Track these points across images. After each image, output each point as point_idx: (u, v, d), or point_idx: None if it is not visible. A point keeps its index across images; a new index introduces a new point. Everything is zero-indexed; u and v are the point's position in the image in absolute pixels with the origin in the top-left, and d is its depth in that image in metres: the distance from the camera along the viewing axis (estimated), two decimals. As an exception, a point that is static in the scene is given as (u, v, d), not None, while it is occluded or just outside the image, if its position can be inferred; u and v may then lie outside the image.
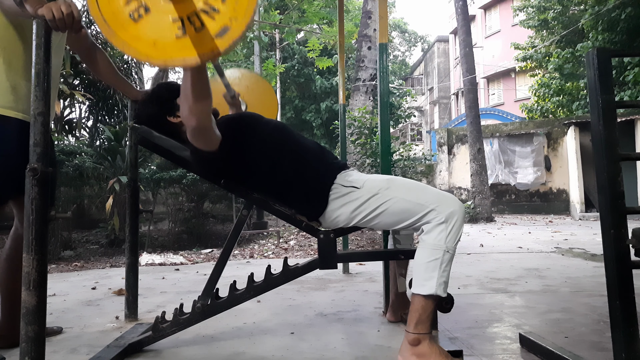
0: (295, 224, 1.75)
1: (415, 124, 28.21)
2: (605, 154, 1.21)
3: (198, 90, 1.39)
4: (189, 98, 1.40)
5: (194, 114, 1.44)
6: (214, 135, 1.56)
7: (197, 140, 1.56)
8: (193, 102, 1.41)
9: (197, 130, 1.51)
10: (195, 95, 1.40)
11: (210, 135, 1.55)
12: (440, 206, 1.50)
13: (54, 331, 1.98)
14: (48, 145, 1.26)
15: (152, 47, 1.08)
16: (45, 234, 1.25)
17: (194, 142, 1.57)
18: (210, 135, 1.55)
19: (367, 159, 5.90)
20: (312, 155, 1.70)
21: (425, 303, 1.47)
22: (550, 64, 12.92)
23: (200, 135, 1.54)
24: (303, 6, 9.56)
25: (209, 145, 1.57)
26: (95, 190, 5.89)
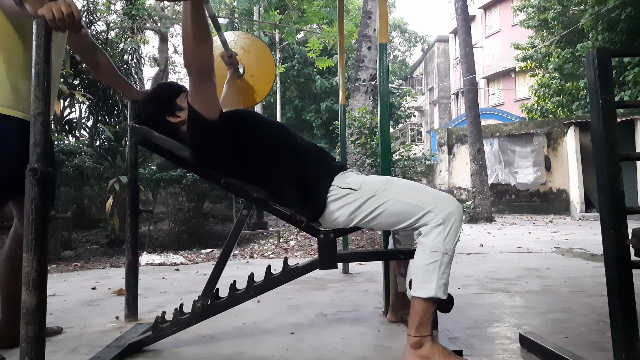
0: (295, 224, 1.75)
1: (415, 124, 28.21)
2: (605, 154, 1.21)
3: (197, 27, 1.48)
4: (190, 37, 1.49)
5: (196, 53, 1.53)
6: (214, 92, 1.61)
7: (199, 96, 1.59)
8: (194, 41, 1.50)
9: (201, 75, 1.57)
10: (195, 32, 1.49)
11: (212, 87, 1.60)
12: (437, 207, 1.50)
13: (54, 331, 1.98)
14: (48, 145, 1.26)
15: None
16: (45, 234, 1.24)
17: (196, 102, 1.59)
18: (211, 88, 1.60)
19: (367, 159, 5.90)
20: (310, 156, 1.70)
21: (426, 306, 1.47)
22: (550, 64, 12.92)
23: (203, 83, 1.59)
24: (303, 6, 9.55)
25: (210, 108, 1.61)
26: (95, 190, 5.89)
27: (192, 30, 1.48)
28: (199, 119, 1.62)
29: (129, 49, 7.27)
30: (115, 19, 9.56)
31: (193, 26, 1.48)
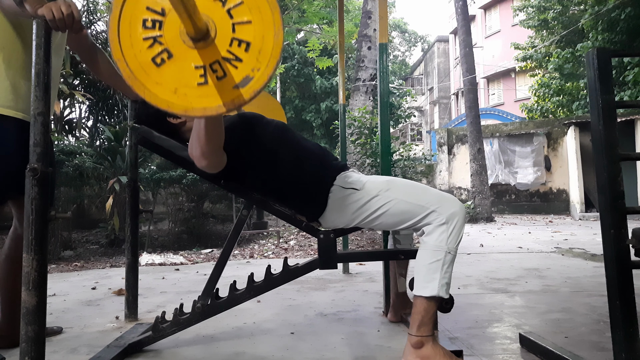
0: (295, 224, 1.75)
1: (415, 124, 28.21)
2: (605, 154, 1.21)
3: (212, 137, 1.41)
4: (203, 142, 1.42)
5: (207, 157, 1.47)
6: (222, 164, 1.57)
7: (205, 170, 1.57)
8: (206, 147, 1.43)
9: (207, 169, 1.53)
10: (209, 141, 1.42)
11: (219, 167, 1.57)
12: (441, 207, 1.50)
13: (54, 331, 1.98)
14: (48, 145, 1.26)
15: (173, 94, 1.07)
16: (45, 234, 1.25)
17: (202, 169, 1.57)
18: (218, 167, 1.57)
19: (367, 159, 5.89)
20: (312, 156, 1.70)
21: (428, 305, 1.47)
22: (550, 64, 12.92)
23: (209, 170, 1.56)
24: (303, 6, 9.55)
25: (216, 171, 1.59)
26: (95, 190, 5.88)
27: (206, 139, 1.40)
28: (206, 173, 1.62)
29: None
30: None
31: (207, 136, 1.39)
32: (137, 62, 1.08)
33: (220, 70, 1.07)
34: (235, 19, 1.08)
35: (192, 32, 1.05)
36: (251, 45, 1.07)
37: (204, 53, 1.07)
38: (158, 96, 1.07)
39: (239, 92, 1.06)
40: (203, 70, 1.07)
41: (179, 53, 1.08)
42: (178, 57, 1.08)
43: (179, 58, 1.08)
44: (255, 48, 1.07)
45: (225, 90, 1.07)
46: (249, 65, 1.07)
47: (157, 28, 1.08)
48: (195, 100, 1.07)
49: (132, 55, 1.08)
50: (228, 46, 1.08)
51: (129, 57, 1.08)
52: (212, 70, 1.07)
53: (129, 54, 1.08)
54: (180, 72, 1.08)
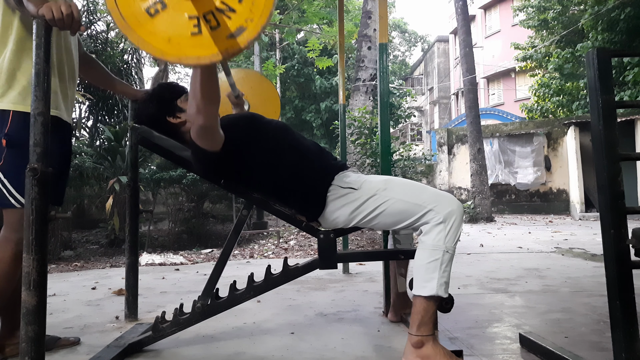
0: (295, 224, 1.75)
1: (415, 124, 28.20)
2: (605, 154, 1.21)
3: (207, 90, 1.40)
4: (198, 97, 1.41)
5: (202, 113, 1.45)
6: (218, 135, 1.56)
7: (202, 139, 1.56)
8: (202, 102, 1.42)
9: (203, 129, 1.52)
10: (204, 95, 1.40)
11: (215, 135, 1.55)
12: (438, 206, 1.50)
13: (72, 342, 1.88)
14: (48, 145, 1.26)
15: (167, 43, 1.08)
16: (45, 234, 1.25)
17: (198, 141, 1.56)
18: (215, 135, 1.55)
19: (367, 159, 5.89)
20: (311, 156, 1.70)
21: (427, 304, 1.47)
22: (550, 64, 12.92)
23: (205, 134, 1.54)
24: (303, 6, 9.55)
25: (213, 145, 1.57)
26: (95, 190, 5.89)
27: (201, 93, 1.40)
28: (203, 154, 1.60)
29: (129, 49, 7.26)
30: (115, 19, 9.55)
31: (203, 90, 1.39)
32: (130, 12, 1.09)
33: (213, 21, 1.08)
34: None
35: None
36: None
37: (197, 3, 1.09)
38: (152, 45, 1.08)
39: (232, 41, 1.07)
40: (197, 21, 1.08)
41: (173, 3, 1.09)
42: (172, 7, 1.09)
43: (172, 8, 1.09)
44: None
45: (218, 40, 1.08)
46: (242, 15, 1.08)
47: None
48: (189, 49, 1.08)
49: (126, 5, 1.09)
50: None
51: (122, 7, 1.09)
52: (205, 20, 1.08)
53: (122, 4, 1.09)
54: (173, 22, 1.09)
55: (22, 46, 1.60)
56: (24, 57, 1.60)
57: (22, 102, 1.58)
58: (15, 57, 1.59)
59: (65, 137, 1.77)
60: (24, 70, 1.59)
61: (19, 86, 1.59)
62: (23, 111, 1.57)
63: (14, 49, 1.59)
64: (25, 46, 1.60)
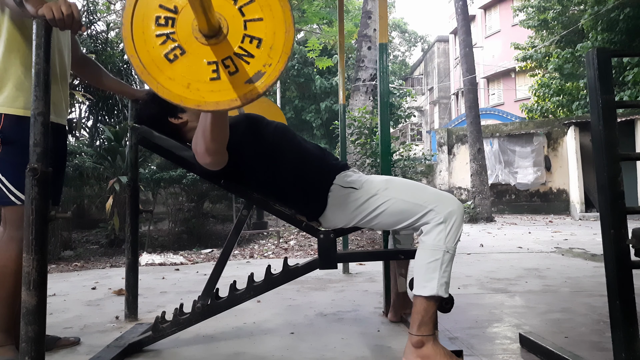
0: (295, 224, 1.75)
1: (415, 124, 28.20)
2: (605, 154, 1.21)
3: (217, 133, 1.41)
4: (207, 139, 1.41)
5: (210, 153, 1.46)
6: (224, 162, 1.57)
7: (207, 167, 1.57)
8: (211, 143, 1.43)
9: (210, 165, 1.53)
10: (214, 138, 1.41)
11: (222, 164, 1.56)
12: (438, 206, 1.50)
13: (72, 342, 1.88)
14: (48, 145, 1.26)
15: (186, 88, 1.08)
16: (45, 234, 1.25)
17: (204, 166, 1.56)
18: (221, 165, 1.56)
19: (367, 159, 5.89)
20: (312, 156, 1.70)
21: (427, 304, 1.47)
22: (550, 64, 12.92)
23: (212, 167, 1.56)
24: (303, 6, 9.55)
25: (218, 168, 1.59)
26: (95, 190, 5.88)
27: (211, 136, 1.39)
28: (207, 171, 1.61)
29: (129, 49, 7.25)
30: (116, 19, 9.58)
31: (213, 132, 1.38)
32: (149, 58, 1.09)
33: (232, 66, 1.09)
34: (246, 16, 1.10)
35: (205, 29, 1.07)
36: (263, 41, 1.09)
37: (216, 49, 1.09)
38: (171, 91, 1.09)
39: (251, 86, 1.08)
40: (215, 66, 1.09)
41: (192, 49, 1.10)
42: (191, 53, 1.10)
43: (191, 54, 1.10)
44: (266, 44, 1.09)
45: (237, 85, 1.08)
46: (260, 60, 1.09)
47: (170, 25, 1.10)
48: (208, 95, 1.08)
49: (145, 52, 1.09)
50: (240, 42, 1.10)
51: (142, 53, 1.09)
52: (224, 65, 1.09)
53: (142, 50, 1.09)
54: (192, 68, 1.09)
55: (10, 47, 1.59)
56: (12, 58, 1.59)
57: (11, 105, 1.58)
58: (5, 59, 1.58)
59: (59, 140, 1.76)
60: (12, 72, 1.58)
61: (7, 88, 1.58)
62: (12, 114, 1.57)
63: (3, 50, 1.58)
64: (14, 47, 1.59)
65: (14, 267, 1.55)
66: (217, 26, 1.07)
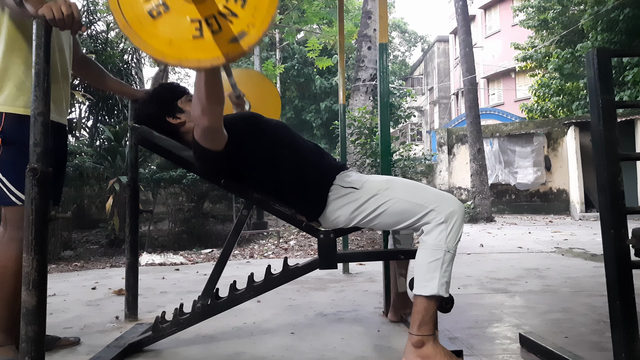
0: (295, 224, 1.75)
1: (415, 124, 28.20)
2: (605, 154, 1.21)
3: (211, 92, 1.40)
4: (202, 99, 1.41)
5: (207, 114, 1.45)
6: (222, 135, 1.56)
7: (206, 140, 1.56)
8: (206, 104, 1.42)
9: (208, 130, 1.52)
10: (209, 97, 1.41)
11: (220, 135, 1.56)
12: (439, 206, 1.50)
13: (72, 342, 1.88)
14: (48, 145, 1.26)
15: (168, 45, 1.08)
16: (45, 234, 1.25)
17: (201, 142, 1.56)
18: (219, 135, 1.56)
19: (367, 159, 5.89)
20: (311, 156, 1.70)
21: (428, 304, 1.47)
22: (550, 64, 12.92)
23: (210, 135, 1.54)
24: (303, 6, 9.55)
25: (217, 145, 1.58)
26: (95, 190, 5.88)
27: (205, 95, 1.40)
28: (205, 153, 1.60)
29: (129, 49, 7.26)
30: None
31: (207, 91, 1.39)
32: (133, 14, 1.09)
33: (215, 25, 1.08)
34: None
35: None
36: (247, 1, 1.09)
37: (200, 7, 1.09)
38: (153, 47, 1.09)
39: (234, 45, 1.08)
40: (199, 24, 1.08)
41: (176, 6, 1.09)
42: (174, 10, 1.09)
43: (175, 11, 1.09)
44: (250, 4, 1.09)
45: (220, 43, 1.08)
46: (244, 20, 1.08)
47: None
48: (190, 52, 1.08)
49: (129, 7, 1.09)
50: (225, 2, 1.09)
51: (125, 8, 1.09)
52: (207, 24, 1.08)
53: (125, 5, 1.09)
54: (175, 25, 1.09)
55: (11, 46, 1.59)
56: (13, 57, 1.59)
57: (11, 104, 1.58)
58: (6, 58, 1.58)
59: (59, 139, 1.76)
60: (13, 71, 1.59)
61: (8, 87, 1.58)
62: (13, 113, 1.57)
63: (4, 49, 1.58)
64: (15, 46, 1.59)
65: (14, 268, 1.55)
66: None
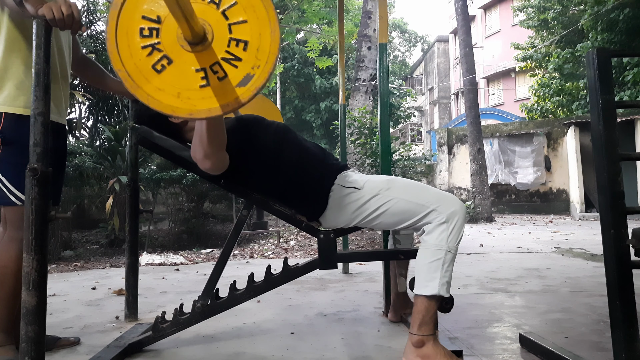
0: (295, 224, 1.75)
1: (415, 124, 28.20)
2: (605, 154, 1.21)
3: (214, 138, 1.41)
4: (205, 144, 1.41)
5: (209, 158, 1.46)
6: (224, 166, 1.57)
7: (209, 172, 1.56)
8: (209, 148, 1.43)
9: (210, 171, 1.53)
10: (211, 143, 1.41)
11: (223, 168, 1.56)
12: (441, 206, 1.50)
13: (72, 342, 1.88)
14: (48, 145, 1.26)
15: (176, 98, 1.08)
16: (45, 234, 1.25)
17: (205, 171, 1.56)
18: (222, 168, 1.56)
19: (367, 159, 5.90)
20: (312, 156, 1.70)
21: (429, 304, 1.47)
22: (550, 64, 12.92)
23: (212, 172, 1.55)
24: (303, 6, 9.55)
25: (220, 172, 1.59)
26: (95, 190, 5.88)
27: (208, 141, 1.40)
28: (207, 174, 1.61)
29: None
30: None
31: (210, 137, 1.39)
32: (137, 71, 1.09)
33: (220, 71, 1.08)
34: (230, 20, 1.09)
35: (189, 37, 1.06)
36: (249, 43, 1.08)
37: (202, 56, 1.08)
38: (162, 102, 1.08)
39: (241, 90, 1.07)
40: (204, 73, 1.08)
41: (179, 58, 1.09)
42: (178, 62, 1.09)
43: (178, 63, 1.09)
44: (253, 46, 1.08)
45: (227, 90, 1.07)
46: (248, 63, 1.08)
47: (155, 35, 1.09)
48: (199, 102, 1.08)
49: (132, 65, 1.09)
50: (226, 47, 1.09)
51: (129, 66, 1.09)
52: (212, 71, 1.08)
53: (128, 63, 1.09)
54: (181, 77, 1.08)
55: (12, 47, 1.59)
56: (13, 57, 1.59)
57: (11, 104, 1.58)
58: (6, 58, 1.58)
59: (59, 139, 1.76)
60: (14, 71, 1.59)
61: (8, 87, 1.58)
62: (13, 113, 1.57)
63: (4, 49, 1.58)
64: (15, 47, 1.59)
65: (14, 268, 1.55)
66: (202, 32, 1.07)
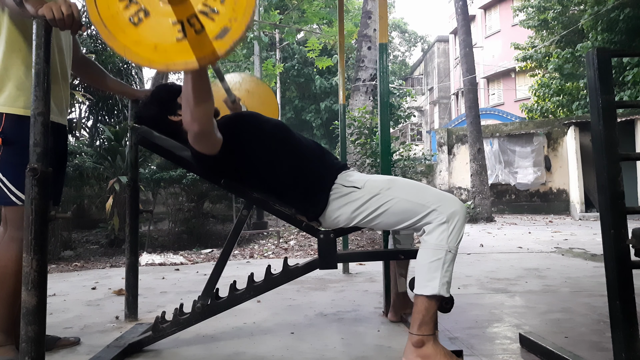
0: (295, 224, 1.75)
1: (415, 124, 28.19)
2: (605, 154, 1.21)
3: (199, 94, 1.39)
4: (191, 102, 1.40)
5: (196, 118, 1.44)
6: (215, 139, 1.56)
7: (199, 144, 1.56)
8: (195, 106, 1.41)
9: (199, 135, 1.51)
10: (197, 99, 1.39)
11: (212, 139, 1.55)
12: (441, 206, 1.50)
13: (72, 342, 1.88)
14: (48, 145, 1.26)
15: (153, 51, 1.07)
16: (45, 234, 1.25)
17: (195, 147, 1.56)
18: (211, 139, 1.55)
19: (367, 159, 5.90)
20: (312, 155, 1.70)
21: (429, 304, 1.47)
22: (550, 64, 12.92)
23: (202, 139, 1.54)
24: (303, 6, 9.55)
25: (211, 149, 1.57)
26: (95, 190, 5.88)
27: (192, 97, 1.38)
28: (202, 158, 1.61)
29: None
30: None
31: (194, 93, 1.38)
32: (115, 23, 1.09)
33: (197, 24, 1.07)
34: None
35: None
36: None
37: (179, 9, 1.08)
38: (139, 54, 1.08)
39: (218, 42, 1.07)
40: (181, 26, 1.08)
41: (156, 10, 1.09)
42: (154, 15, 1.09)
43: (156, 15, 1.09)
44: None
45: (204, 42, 1.07)
46: (225, 16, 1.07)
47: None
48: (176, 55, 1.07)
49: (110, 17, 1.09)
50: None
51: (106, 19, 1.09)
52: (189, 24, 1.07)
53: (106, 15, 1.09)
54: (158, 29, 1.08)
55: (12, 47, 1.59)
56: (13, 57, 1.59)
57: (12, 104, 1.58)
58: (6, 58, 1.58)
59: (59, 140, 1.76)
60: (14, 71, 1.59)
61: (8, 88, 1.58)
62: (13, 113, 1.57)
63: (4, 49, 1.58)
64: (15, 47, 1.59)
65: (14, 268, 1.55)
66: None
